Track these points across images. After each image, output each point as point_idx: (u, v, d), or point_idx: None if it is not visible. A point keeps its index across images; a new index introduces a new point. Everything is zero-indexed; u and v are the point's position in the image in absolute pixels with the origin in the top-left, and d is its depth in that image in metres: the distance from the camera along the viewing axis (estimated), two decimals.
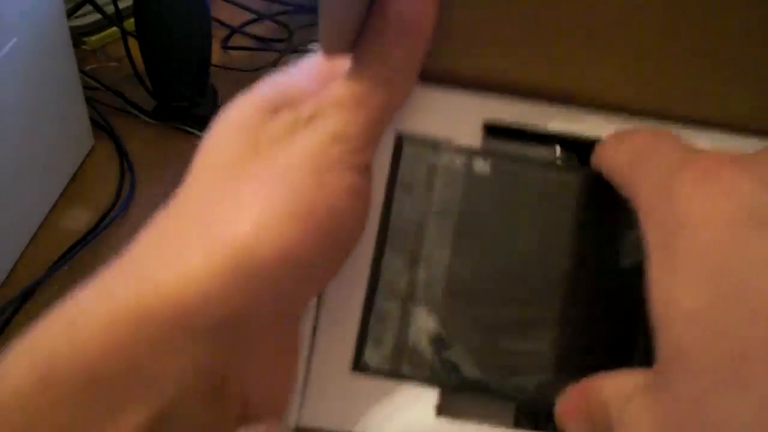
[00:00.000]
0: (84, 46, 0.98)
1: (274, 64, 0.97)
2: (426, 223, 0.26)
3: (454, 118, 0.27)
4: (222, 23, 1.02)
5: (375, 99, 0.24)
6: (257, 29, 1.05)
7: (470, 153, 0.26)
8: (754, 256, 0.18)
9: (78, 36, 0.96)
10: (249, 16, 1.05)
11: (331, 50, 0.25)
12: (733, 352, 0.17)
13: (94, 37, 0.99)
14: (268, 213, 0.22)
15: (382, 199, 0.27)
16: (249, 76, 0.96)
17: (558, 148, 0.28)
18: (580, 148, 0.27)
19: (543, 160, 0.27)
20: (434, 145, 0.27)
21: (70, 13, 0.93)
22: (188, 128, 0.87)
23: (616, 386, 0.21)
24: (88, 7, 0.94)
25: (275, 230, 0.22)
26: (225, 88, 0.94)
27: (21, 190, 0.71)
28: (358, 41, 0.25)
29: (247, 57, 1.00)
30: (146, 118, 0.89)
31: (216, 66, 0.92)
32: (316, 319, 0.26)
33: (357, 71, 0.25)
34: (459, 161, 0.26)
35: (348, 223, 0.24)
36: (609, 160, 0.24)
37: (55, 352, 0.21)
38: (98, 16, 0.93)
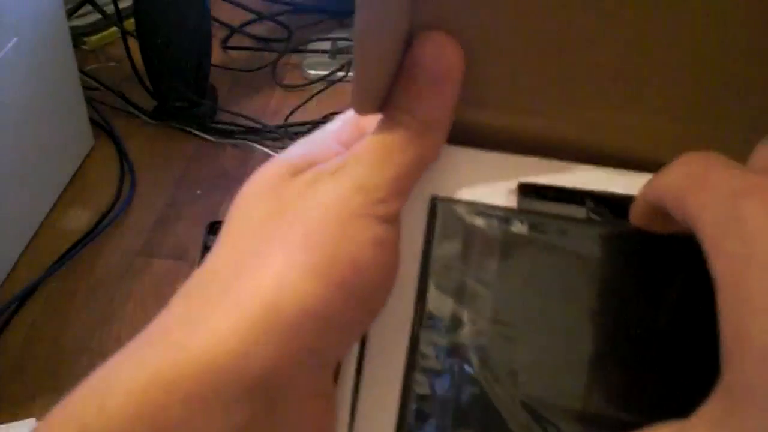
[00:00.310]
0: (84, 46, 0.98)
1: (274, 64, 0.97)
2: (464, 288, 0.26)
3: (489, 179, 0.27)
4: (222, 23, 1.02)
5: (401, 151, 0.24)
6: (257, 29, 1.05)
7: (506, 213, 0.26)
8: None
9: (78, 36, 0.96)
10: (249, 16, 1.05)
11: (363, 109, 0.25)
12: None
13: (94, 37, 0.99)
14: (289, 269, 0.22)
15: (419, 264, 0.26)
16: (249, 75, 0.96)
17: (590, 203, 0.28)
18: (611, 203, 0.27)
19: (578, 217, 0.27)
20: (469, 206, 0.26)
21: (70, 13, 0.93)
22: (188, 128, 0.87)
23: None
24: (88, 7, 0.94)
25: (296, 286, 0.22)
26: (225, 88, 0.94)
27: (21, 190, 0.71)
28: (387, 97, 0.25)
29: (247, 57, 1.01)
30: (146, 118, 0.89)
31: (216, 66, 0.93)
32: (358, 381, 0.26)
33: (383, 124, 0.25)
34: (495, 222, 0.26)
35: (373, 275, 0.23)
36: (663, 189, 0.23)
37: (87, 424, 0.21)
38: (98, 16, 0.93)
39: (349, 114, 0.26)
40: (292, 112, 0.88)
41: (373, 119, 0.25)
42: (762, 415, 0.17)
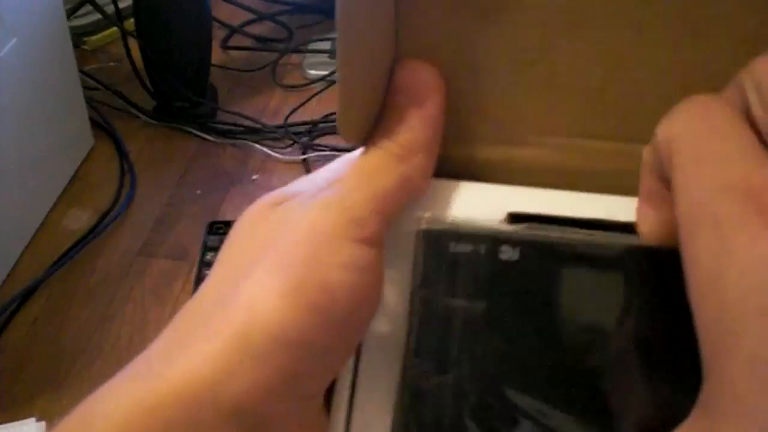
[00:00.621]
0: (84, 46, 0.98)
1: (274, 64, 0.97)
2: (453, 318, 0.25)
3: (478, 210, 0.27)
4: (222, 23, 1.02)
5: (381, 173, 0.24)
6: (257, 29, 1.05)
7: (495, 239, 0.25)
8: None
9: (78, 36, 0.96)
10: (249, 16, 1.05)
11: (349, 136, 0.26)
12: None
13: (94, 37, 0.99)
14: (260, 295, 0.22)
15: (408, 295, 0.26)
16: (249, 75, 0.96)
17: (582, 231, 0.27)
18: (604, 229, 0.27)
19: (570, 241, 0.26)
20: (457, 235, 0.25)
21: (70, 13, 0.93)
22: (188, 128, 0.87)
23: None
24: (88, 7, 0.94)
25: (266, 312, 0.22)
26: (225, 87, 0.94)
27: (21, 190, 0.71)
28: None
29: (246, 57, 1.00)
30: (146, 118, 0.89)
31: (216, 66, 0.93)
32: (350, 413, 0.26)
33: (366, 149, 0.25)
34: (483, 249, 0.25)
35: (349, 299, 0.23)
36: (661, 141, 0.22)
37: None
38: (98, 16, 0.93)
39: (349, 155, 0.27)
40: (292, 112, 0.88)
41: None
42: (752, 428, 0.16)
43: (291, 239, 0.23)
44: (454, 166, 0.27)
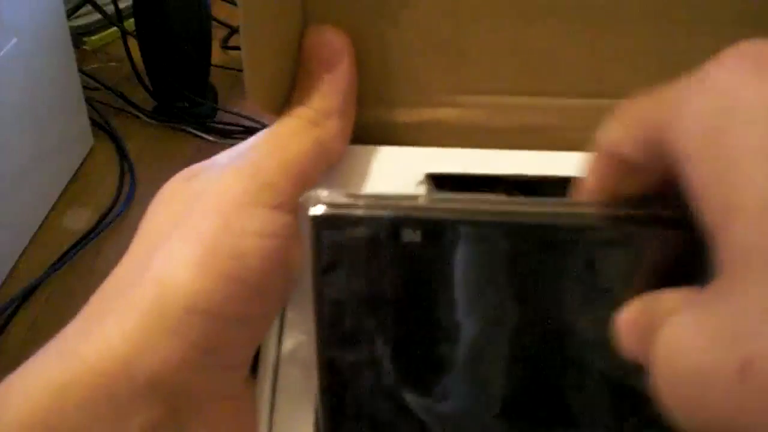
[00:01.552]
0: (84, 46, 0.98)
1: None
2: (358, 305, 0.24)
3: (397, 173, 0.26)
4: (222, 23, 1.02)
5: (294, 138, 0.24)
6: None
7: (393, 222, 0.23)
8: None
9: (78, 36, 0.96)
10: None
11: (261, 104, 0.26)
12: None
13: (94, 37, 0.99)
14: (172, 266, 0.22)
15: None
16: None
17: (504, 189, 0.26)
18: (525, 186, 0.26)
19: (476, 214, 0.23)
20: (351, 220, 0.23)
21: (70, 13, 0.93)
22: (188, 128, 0.87)
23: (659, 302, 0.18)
24: (88, 7, 0.94)
25: (178, 282, 0.21)
26: (225, 87, 0.94)
27: (21, 190, 0.71)
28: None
29: None
30: (146, 118, 0.89)
31: (216, 66, 0.92)
32: (275, 384, 0.25)
33: (280, 117, 0.25)
34: (383, 233, 0.23)
35: (261, 265, 0.22)
36: (635, 121, 0.20)
37: None
38: (98, 16, 0.93)
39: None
40: None
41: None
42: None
43: (201, 209, 0.23)
44: (371, 131, 0.27)
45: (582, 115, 0.26)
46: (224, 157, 0.25)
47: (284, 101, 0.25)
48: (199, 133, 0.87)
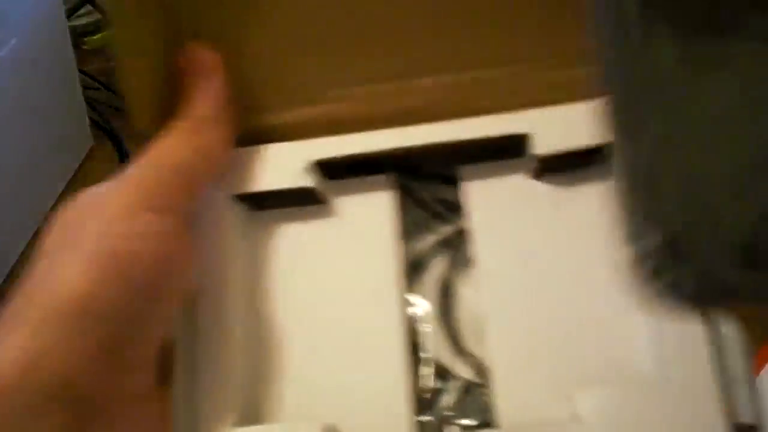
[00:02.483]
0: (84, 46, 0.98)
1: None
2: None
3: (283, 167, 0.28)
4: None
5: (175, 147, 0.26)
6: None
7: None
8: None
9: (78, 36, 0.96)
10: None
11: (139, 122, 0.28)
12: None
13: (94, 37, 0.99)
14: (65, 272, 0.23)
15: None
16: None
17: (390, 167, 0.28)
18: (411, 159, 0.28)
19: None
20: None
21: (70, 13, 0.93)
22: None
23: None
24: (88, 7, 0.93)
25: (69, 285, 0.23)
26: None
27: (21, 190, 0.71)
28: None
29: None
30: None
31: None
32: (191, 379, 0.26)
33: (163, 130, 0.27)
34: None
35: (147, 266, 0.24)
36: None
37: None
38: (98, 16, 0.93)
39: None
40: None
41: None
42: None
43: (88, 218, 0.24)
44: (258, 135, 0.29)
45: (450, 90, 0.28)
46: (112, 178, 0.27)
47: (165, 118, 0.28)
48: None
